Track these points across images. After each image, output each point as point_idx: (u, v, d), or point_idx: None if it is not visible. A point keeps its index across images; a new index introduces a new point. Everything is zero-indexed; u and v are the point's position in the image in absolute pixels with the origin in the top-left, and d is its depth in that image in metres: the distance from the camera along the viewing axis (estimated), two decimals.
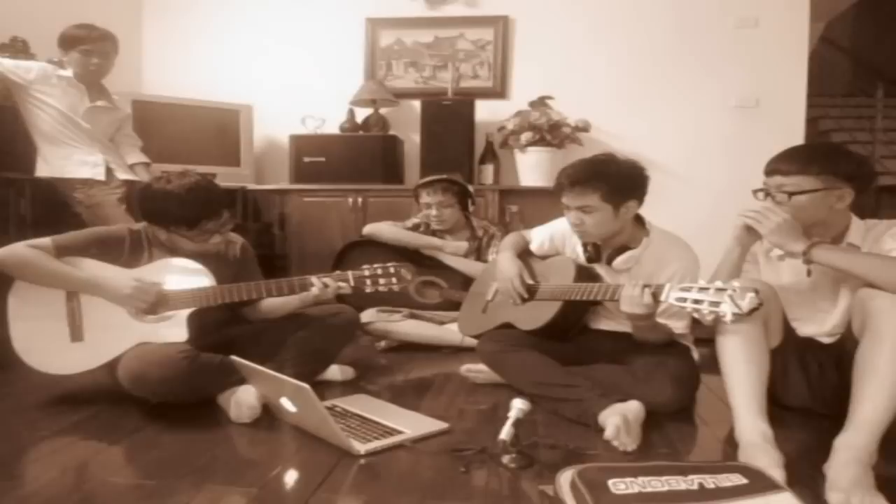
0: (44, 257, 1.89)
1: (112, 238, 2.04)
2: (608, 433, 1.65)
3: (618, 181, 1.96)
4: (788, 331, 1.86)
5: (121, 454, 1.61)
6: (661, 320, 1.93)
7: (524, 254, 2.39)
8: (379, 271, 2.11)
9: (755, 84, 3.86)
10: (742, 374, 1.62)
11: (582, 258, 2.14)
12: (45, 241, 1.94)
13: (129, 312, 1.95)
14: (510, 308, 2.26)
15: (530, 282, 2.23)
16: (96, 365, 1.91)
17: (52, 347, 1.92)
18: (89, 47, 2.74)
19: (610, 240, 2.06)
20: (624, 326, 2.05)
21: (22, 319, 1.94)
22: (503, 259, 2.32)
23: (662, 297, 1.72)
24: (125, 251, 2.02)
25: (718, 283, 1.59)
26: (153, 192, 2.01)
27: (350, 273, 2.10)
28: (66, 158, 2.77)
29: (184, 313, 1.97)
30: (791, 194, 1.76)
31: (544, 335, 2.11)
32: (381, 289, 2.11)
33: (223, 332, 2.15)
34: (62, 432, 1.74)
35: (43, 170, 2.77)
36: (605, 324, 2.17)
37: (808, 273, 1.85)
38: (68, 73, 2.76)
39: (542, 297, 2.17)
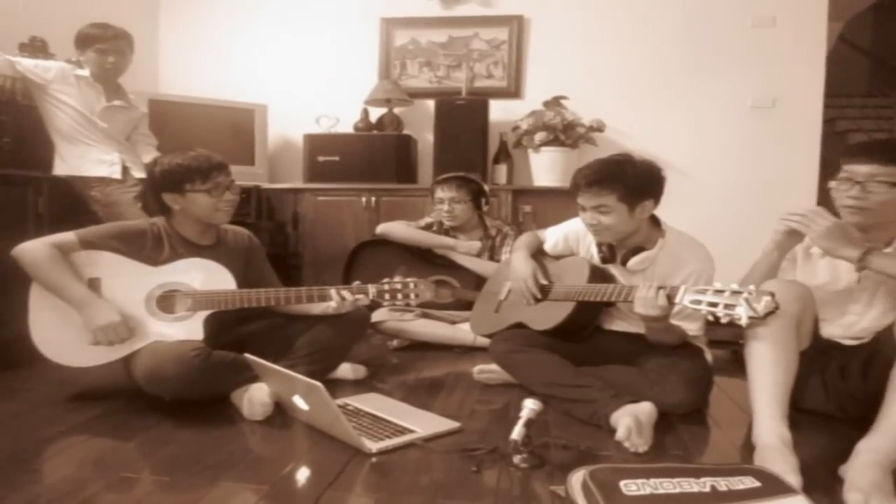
0: (53, 263, 1.91)
1: (134, 232, 2.06)
2: (620, 434, 1.65)
3: (634, 181, 1.94)
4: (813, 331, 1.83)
5: (135, 450, 1.62)
6: (674, 321, 1.92)
7: (538, 254, 2.38)
8: (398, 286, 2.11)
9: (772, 84, 3.82)
10: (768, 375, 1.60)
11: (596, 258, 2.13)
12: (70, 235, 1.97)
13: (146, 309, 1.97)
14: (523, 308, 2.25)
15: (544, 282, 2.22)
16: (112, 359, 1.93)
17: (69, 340, 1.93)
18: (105, 46, 2.75)
19: (625, 240, 2.04)
20: (637, 327, 2.04)
21: (42, 310, 1.96)
22: (517, 259, 2.31)
23: (677, 300, 1.71)
24: (147, 245, 2.05)
25: (734, 286, 1.58)
26: (163, 161, 2.08)
27: (370, 286, 2.10)
28: (83, 157, 2.79)
29: (202, 314, 1.99)
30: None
31: (557, 336, 2.10)
32: (398, 304, 2.13)
33: (236, 329, 2.17)
34: (78, 428, 1.77)
35: (60, 168, 2.80)
36: (617, 325, 2.16)
37: (859, 280, 1.82)
38: (85, 72, 2.78)
39: (556, 297, 2.17)
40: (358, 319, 2.25)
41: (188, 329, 1.97)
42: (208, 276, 2.04)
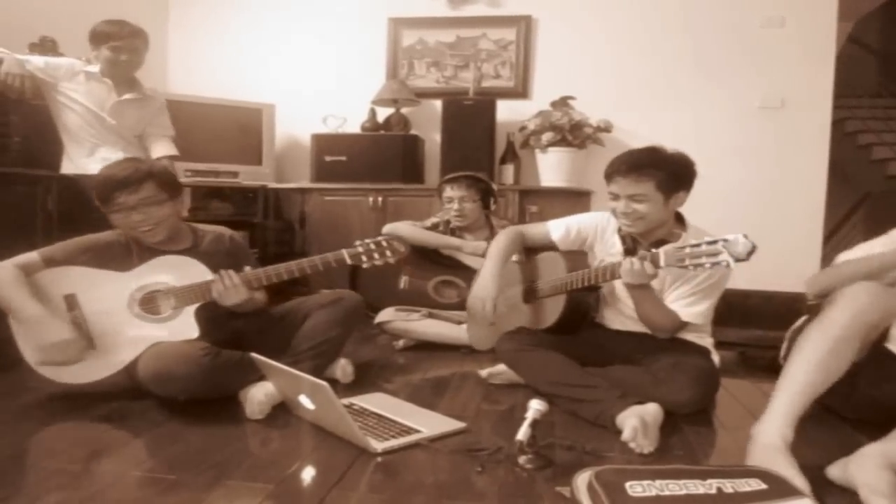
0: (11, 283, 1.88)
1: (99, 245, 2.04)
2: (626, 435, 1.64)
3: (673, 169, 1.95)
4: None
5: (142, 448, 1.63)
6: (676, 306, 1.95)
7: (525, 251, 2.36)
8: (372, 246, 2.10)
9: (780, 85, 3.81)
10: (806, 375, 1.52)
11: (619, 250, 2.11)
12: (33, 255, 1.95)
13: (132, 314, 1.96)
14: (517, 313, 2.25)
15: (503, 310, 2.16)
16: (116, 370, 1.93)
17: None
18: (119, 44, 2.74)
19: (649, 233, 2.03)
20: (642, 327, 2.04)
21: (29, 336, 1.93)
22: (486, 273, 2.23)
23: (662, 263, 1.75)
24: (116, 256, 2.03)
25: (707, 238, 1.63)
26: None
27: (345, 251, 2.09)
28: (89, 156, 2.78)
29: (190, 309, 1.98)
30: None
31: (559, 331, 2.11)
32: (377, 263, 2.10)
33: (231, 324, 2.15)
34: (85, 426, 1.78)
35: (68, 168, 2.81)
36: (623, 323, 2.15)
37: None
38: (95, 68, 2.77)
39: (545, 294, 2.18)
40: (351, 307, 2.23)
41: (180, 326, 1.96)
42: (183, 271, 2.01)
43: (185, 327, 1.96)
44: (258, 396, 1.82)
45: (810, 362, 1.52)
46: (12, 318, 1.90)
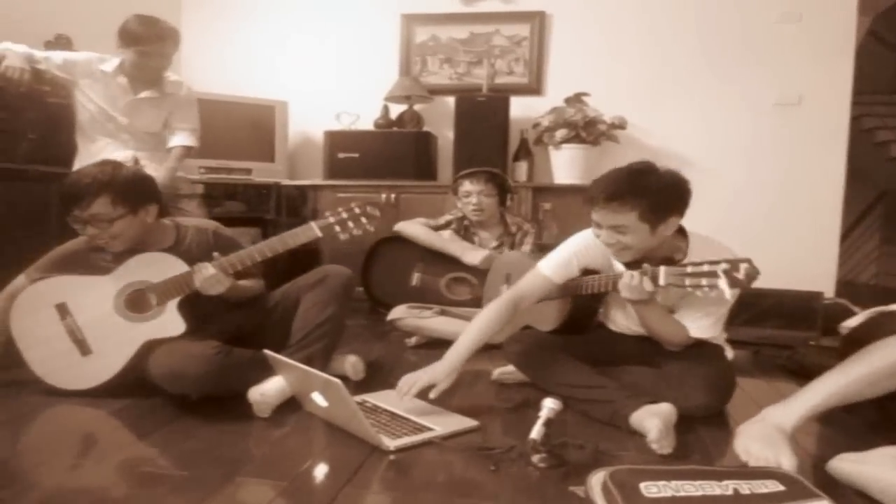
0: None
1: (69, 253, 2.06)
2: (652, 435, 1.60)
3: (657, 197, 1.74)
4: None
5: (154, 444, 1.63)
6: (685, 321, 1.90)
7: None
8: (344, 215, 2.11)
9: (798, 81, 3.76)
10: (853, 381, 1.47)
11: (622, 268, 2.05)
12: (20, 279, 2.04)
13: (121, 316, 1.98)
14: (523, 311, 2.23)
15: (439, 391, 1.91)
16: (115, 372, 1.94)
17: (67, 366, 1.95)
18: (147, 49, 2.66)
19: (649, 254, 1.88)
20: None
21: (31, 347, 1.97)
22: (451, 354, 1.92)
23: (661, 282, 1.72)
24: (94, 259, 2.04)
25: (709, 260, 1.61)
26: None
27: (314, 223, 2.10)
28: (97, 154, 2.73)
29: (172, 304, 1.97)
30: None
31: (564, 332, 2.11)
32: (354, 232, 2.10)
33: (231, 318, 2.14)
34: (98, 421, 1.79)
35: (77, 165, 2.79)
36: (628, 329, 2.11)
37: None
38: (110, 67, 2.72)
39: (551, 297, 2.15)
40: (338, 283, 2.18)
41: (165, 322, 1.96)
42: (159, 267, 2.00)
43: (170, 323, 1.96)
44: (269, 393, 1.82)
45: (867, 372, 1.47)
46: None
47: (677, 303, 1.93)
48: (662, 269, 1.72)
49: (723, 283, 1.55)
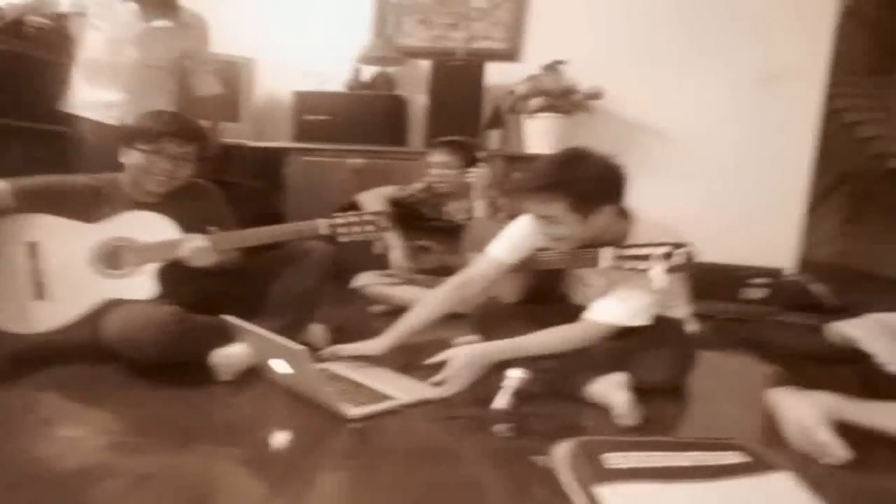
0: None
1: (74, 190, 1.97)
2: (620, 408, 1.60)
3: (587, 187, 1.70)
4: None
5: (104, 411, 1.58)
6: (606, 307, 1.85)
7: None
8: (353, 219, 2.05)
9: (774, 56, 3.74)
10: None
11: None
12: (2, 184, 1.87)
13: (92, 268, 1.89)
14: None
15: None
16: (63, 324, 1.86)
17: (15, 305, 1.86)
18: None
19: (589, 242, 1.82)
20: None
21: None
22: (385, 337, 1.98)
23: (600, 264, 1.72)
24: (83, 203, 1.95)
25: (649, 243, 1.62)
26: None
27: (323, 222, 2.04)
28: (88, 97, 2.58)
29: (149, 268, 1.90)
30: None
31: (527, 303, 2.10)
32: (356, 238, 2.06)
33: (202, 283, 2.05)
34: (43, 388, 1.70)
35: (67, 105, 2.62)
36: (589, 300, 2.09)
37: None
38: None
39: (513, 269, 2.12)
40: (322, 259, 2.15)
41: (135, 285, 1.88)
42: (150, 228, 1.93)
43: (139, 286, 1.88)
44: (229, 359, 1.77)
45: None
46: None
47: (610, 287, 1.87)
48: (601, 252, 1.71)
49: (660, 266, 1.56)
